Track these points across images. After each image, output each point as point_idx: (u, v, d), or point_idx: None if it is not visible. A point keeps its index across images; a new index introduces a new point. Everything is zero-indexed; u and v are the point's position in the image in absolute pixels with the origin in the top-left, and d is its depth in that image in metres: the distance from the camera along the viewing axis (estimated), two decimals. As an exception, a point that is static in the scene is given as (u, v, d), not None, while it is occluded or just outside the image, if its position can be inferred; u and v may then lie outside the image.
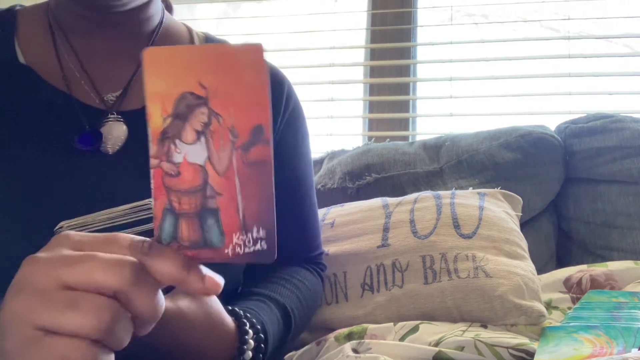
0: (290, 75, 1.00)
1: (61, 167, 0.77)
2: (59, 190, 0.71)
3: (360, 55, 2.02)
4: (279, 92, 0.95)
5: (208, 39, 0.95)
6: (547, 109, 1.82)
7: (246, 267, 0.87)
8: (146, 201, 0.66)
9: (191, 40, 0.93)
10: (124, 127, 0.81)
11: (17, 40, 0.85)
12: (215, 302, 0.72)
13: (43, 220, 0.68)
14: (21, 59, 0.84)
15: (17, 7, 0.90)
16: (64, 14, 0.86)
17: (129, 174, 0.70)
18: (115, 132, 0.81)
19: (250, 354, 0.75)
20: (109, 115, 0.82)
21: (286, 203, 0.93)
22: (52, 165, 0.77)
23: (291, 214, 0.94)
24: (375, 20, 1.98)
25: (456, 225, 1.09)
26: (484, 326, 0.97)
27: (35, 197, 0.74)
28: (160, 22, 0.91)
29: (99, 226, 0.65)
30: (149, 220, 0.65)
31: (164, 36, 0.91)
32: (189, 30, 0.95)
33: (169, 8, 1.00)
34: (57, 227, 0.65)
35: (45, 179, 0.76)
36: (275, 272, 0.91)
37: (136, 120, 0.82)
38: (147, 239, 0.48)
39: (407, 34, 1.95)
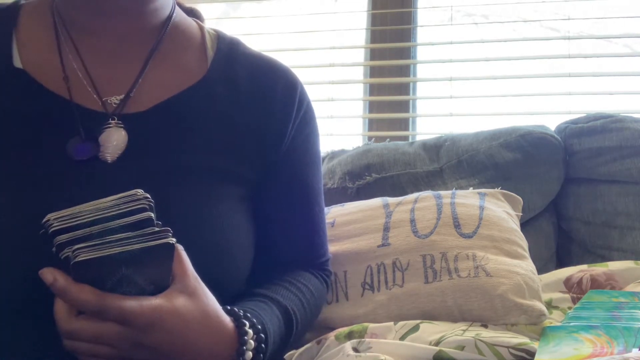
0: (291, 75, 0.99)
1: (58, 176, 0.76)
2: (56, 200, 0.70)
3: (360, 55, 2.02)
4: (292, 95, 0.92)
5: (220, 38, 0.92)
6: (547, 109, 1.82)
7: (250, 271, 0.86)
8: (134, 191, 0.66)
9: (202, 39, 0.91)
10: (124, 133, 0.79)
11: (16, 40, 0.83)
12: (212, 302, 0.72)
13: (38, 231, 0.66)
14: (17, 62, 0.81)
15: (22, 1, 0.87)
16: (68, 8, 0.83)
17: (129, 182, 0.69)
18: (115, 139, 0.78)
19: (250, 354, 0.74)
20: (110, 121, 0.79)
21: (294, 209, 0.92)
22: (49, 175, 0.76)
23: (299, 220, 0.93)
24: (375, 20, 1.98)
25: (457, 225, 1.09)
26: (485, 325, 0.97)
27: (30, 208, 0.72)
28: (170, 18, 0.88)
29: (86, 218, 0.64)
30: (137, 211, 0.65)
31: (174, 34, 0.88)
32: (201, 28, 0.92)
33: (198, 17, 0.97)
34: (44, 220, 0.65)
35: (41, 189, 0.75)
36: (280, 276, 0.89)
37: (138, 123, 0.80)
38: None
39: (407, 34, 1.95)
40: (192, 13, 0.96)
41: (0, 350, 0.73)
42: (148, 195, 0.66)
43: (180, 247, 0.69)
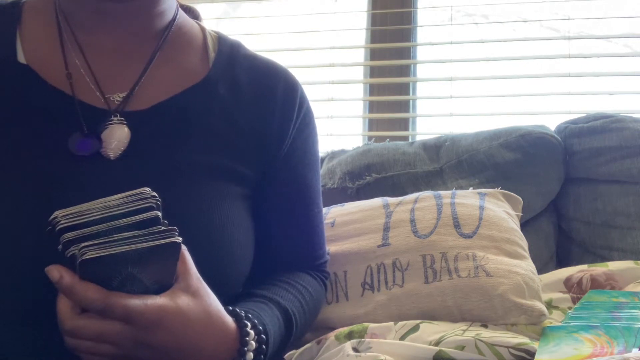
0: (290, 76, 0.99)
1: (60, 172, 0.76)
2: (57, 196, 0.69)
3: (360, 55, 2.02)
4: (292, 97, 0.93)
5: (221, 39, 0.93)
6: (547, 109, 1.82)
7: (250, 272, 0.86)
8: (142, 190, 0.66)
9: (204, 40, 0.91)
10: (126, 130, 0.79)
11: (19, 37, 0.83)
12: (214, 302, 0.72)
13: (40, 227, 0.66)
14: (21, 58, 0.81)
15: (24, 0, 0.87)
16: (72, 6, 0.83)
17: (131, 180, 0.69)
18: (117, 136, 0.78)
19: (251, 355, 0.74)
20: (112, 117, 0.79)
21: (293, 210, 0.92)
22: (51, 171, 0.76)
23: (298, 221, 0.93)
24: (375, 20, 1.98)
25: (457, 225, 1.09)
26: (485, 325, 0.97)
27: (32, 204, 0.72)
28: (173, 20, 0.88)
29: (94, 216, 0.64)
30: (144, 209, 0.65)
31: (176, 35, 0.88)
32: (202, 30, 0.93)
33: (196, 15, 0.98)
34: (51, 217, 0.65)
35: (43, 185, 0.74)
36: (279, 277, 0.90)
37: (140, 121, 0.80)
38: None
39: (407, 34, 1.95)
40: (189, 11, 0.96)
41: (2, 350, 0.73)
42: (155, 194, 0.66)
43: (183, 247, 0.69)
